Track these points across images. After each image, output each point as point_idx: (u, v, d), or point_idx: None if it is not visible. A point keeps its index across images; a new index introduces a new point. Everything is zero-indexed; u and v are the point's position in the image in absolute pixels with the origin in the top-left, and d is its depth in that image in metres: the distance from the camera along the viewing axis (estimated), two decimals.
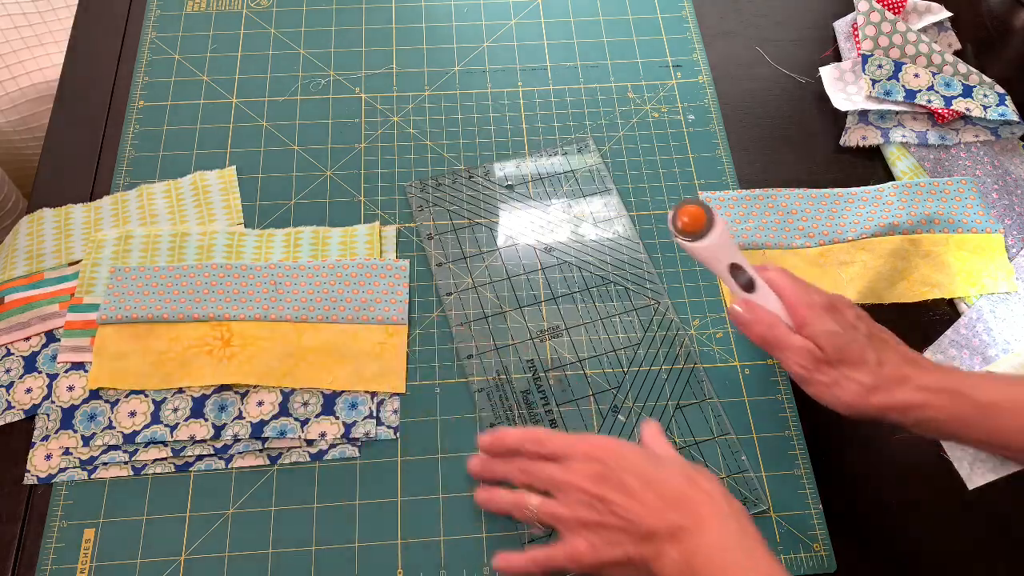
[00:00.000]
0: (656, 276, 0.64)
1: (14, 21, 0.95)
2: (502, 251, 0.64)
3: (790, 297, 0.51)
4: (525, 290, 0.62)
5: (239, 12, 0.77)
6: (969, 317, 0.62)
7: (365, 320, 0.60)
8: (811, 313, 0.50)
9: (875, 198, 0.67)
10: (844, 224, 0.65)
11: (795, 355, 0.50)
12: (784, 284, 0.52)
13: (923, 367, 0.50)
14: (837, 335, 0.49)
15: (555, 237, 0.65)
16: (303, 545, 0.54)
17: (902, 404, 0.48)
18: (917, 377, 0.49)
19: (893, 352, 0.50)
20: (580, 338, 0.61)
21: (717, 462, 0.56)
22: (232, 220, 0.65)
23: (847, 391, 0.49)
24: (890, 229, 0.64)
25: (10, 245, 0.65)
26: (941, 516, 0.56)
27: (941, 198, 0.66)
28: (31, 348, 0.59)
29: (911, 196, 0.66)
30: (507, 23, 0.77)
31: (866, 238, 0.64)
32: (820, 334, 0.50)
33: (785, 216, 0.66)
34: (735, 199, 0.67)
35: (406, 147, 0.70)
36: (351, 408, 0.58)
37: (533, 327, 0.61)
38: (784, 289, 0.52)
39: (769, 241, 0.65)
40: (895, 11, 0.75)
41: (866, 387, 0.49)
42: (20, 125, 0.93)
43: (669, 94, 0.74)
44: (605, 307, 0.62)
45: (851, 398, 0.49)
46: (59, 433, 0.56)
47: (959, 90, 0.71)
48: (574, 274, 0.63)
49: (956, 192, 0.67)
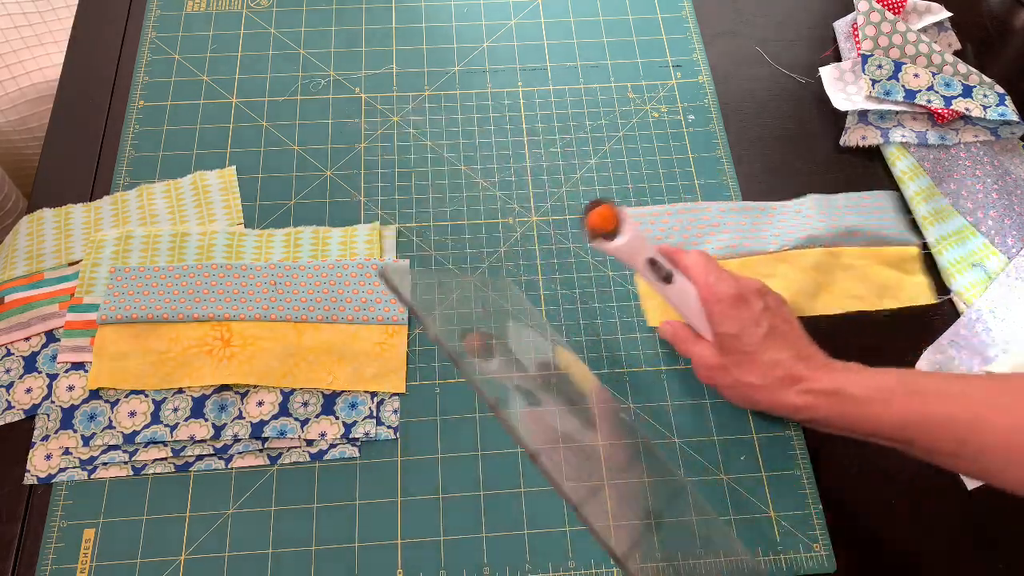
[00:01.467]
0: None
1: (14, 21, 0.95)
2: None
3: (702, 290, 0.53)
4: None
5: (239, 12, 0.77)
6: (969, 317, 0.62)
7: (365, 320, 0.61)
8: (716, 310, 0.52)
9: (796, 211, 0.66)
10: (765, 237, 0.65)
11: (695, 362, 0.53)
12: (697, 275, 0.53)
13: (815, 366, 0.50)
14: (732, 339, 0.51)
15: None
16: (303, 545, 0.54)
17: (791, 406, 0.49)
18: (807, 378, 0.49)
19: (789, 350, 0.51)
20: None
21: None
22: (232, 220, 0.65)
23: (738, 394, 0.52)
24: (811, 242, 0.64)
25: (10, 245, 0.65)
26: (941, 516, 0.56)
27: (861, 211, 0.66)
28: (31, 348, 0.59)
29: (831, 210, 0.66)
30: (507, 23, 0.77)
31: (787, 250, 0.64)
32: (718, 336, 0.52)
33: (706, 229, 0.66)
34: (656, 214, 0.66)
35: (406, 147, 0.70)
36: (351, 408, 0.58)
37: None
38: (697, 280, 0.53)
39: None
40: (895, 11, 0.75)
41: (756, 388, 0.50)
42: (20, 125, 0.93)
43: (669, 94, 0.74)
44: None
45: (742, 401, 0.52)
46: (59, 433, 0.56)
47: (959, 90, 0.71)
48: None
49: (875, 206, 0.67)
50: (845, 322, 0.62)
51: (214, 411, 0.57)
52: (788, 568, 0.53)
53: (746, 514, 0.55)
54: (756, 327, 0.51)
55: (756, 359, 0.50)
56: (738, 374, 0.51)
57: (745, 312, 0.51)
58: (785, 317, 0.53)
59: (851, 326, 0.62)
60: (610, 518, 0.47)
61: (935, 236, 0.66)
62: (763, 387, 0.50)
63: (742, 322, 0.51)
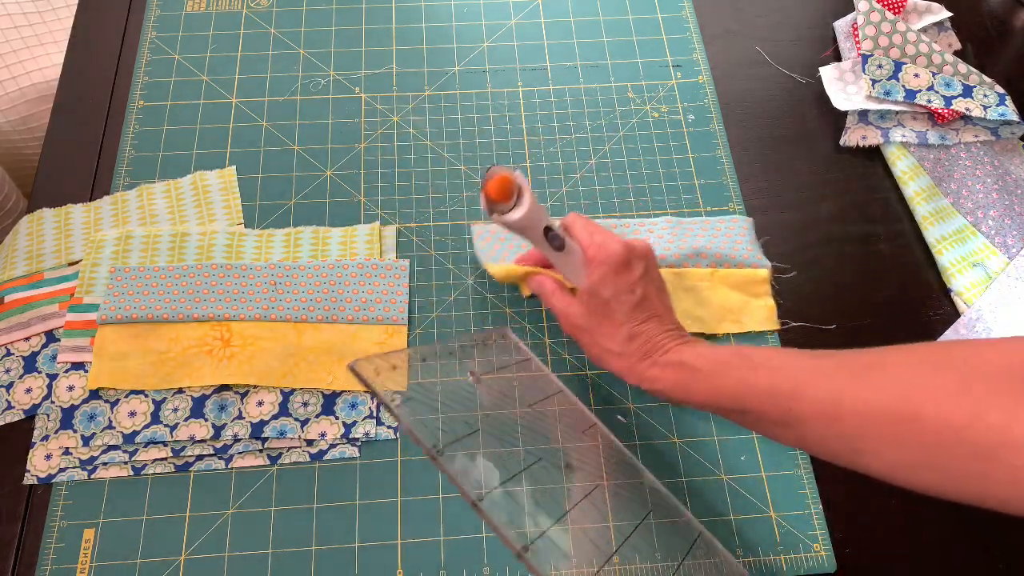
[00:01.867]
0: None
1: (14, 21, 0.95)
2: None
3: (589, 250, 0.52)
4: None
5: (239, 12, 0.77)
6: (969, 317, 0.62)
7: (365, 320, 0.60)
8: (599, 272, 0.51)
9: (648, 231, 0.66)
10: None
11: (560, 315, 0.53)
12: (583, 235, 0.53)
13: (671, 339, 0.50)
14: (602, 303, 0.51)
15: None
16: (303, 545, 0.54)
17: (645, 378, 0.50)
18: (661, 349, 0.50)
19: (654, 322, 0.51)
20: None
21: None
22: (232, 220, 0.65)
23: (595, 356, 0.52)
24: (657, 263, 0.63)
25: (10, 245, 0.65)
26: (941, 516, 0.56)
27: (712, 234, 0.65)
28: (31, 348, 0.59)
29: (681, 230, 0.65)
30: (507, 23, 0.77)
31: None
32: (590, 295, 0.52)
33: None
34: (492, 231, 0.64)
35: (406, 147, 0.70)
36: (351, 408, 0.58)
37: None
38: (582, 239, 0.53)
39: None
40: (895, 11, 0.75)
41: (614, 355, 0.51)
42: (20, 125, 0.93)
43: (669, 94, 0.74)
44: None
45: (598, 363, 0.52)
46: (59, 433, 0.56)
47: (959, 90, 0.71)
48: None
49: (728, 229, 0.66)
50: (845, 322, 0.62)
51: (214, 411, 0.57)
52: (788, 568, 0.53)
53: (746, 514, 0.55)
54: (630, 294, 0.51)
55: (620, 327, 0.50)
56: (599, 337, 0.51)
57: (624, 276, 0.51)
58: (659, 285, 0.53)
59: (851, 326, 0.62)
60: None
61: (935, 236, 0.66)
62: (621, 355, 0.50)
63: (617, 287, 0.51)
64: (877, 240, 0.67)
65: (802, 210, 0.68)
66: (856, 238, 0.67)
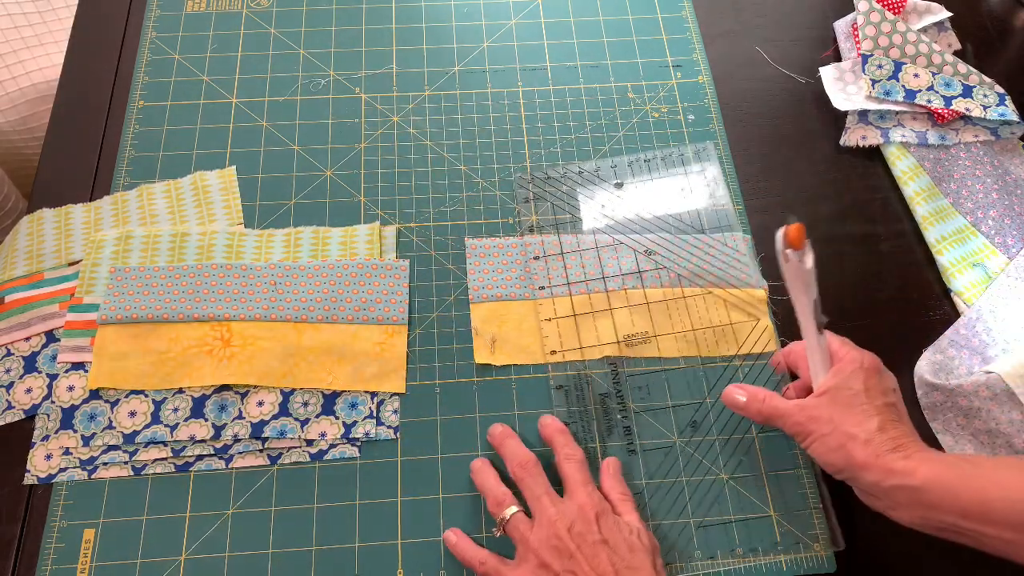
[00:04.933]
0: (761, 293, 0.62)
1: (14, 21, 0.95)
2: (600, 250, 0.64)
3: (834, 346, 0.51)
4: (619, 291, 0.62)
5: (239, 12, 0.77)
6: (969, 317, 0.62)
7: (365, 320, 0.61)
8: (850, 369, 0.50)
9: (644, 249, 0.64)
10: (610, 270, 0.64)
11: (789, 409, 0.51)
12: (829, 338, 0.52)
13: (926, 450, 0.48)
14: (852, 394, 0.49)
15: (658, 241, 0.64)
16: (303, 545, 0.54)
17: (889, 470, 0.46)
18: (920, 448, 0.47)
19: (908, 429, 0.49)
20: (669, 346, 0.61)
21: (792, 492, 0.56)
22: (232, 220, 0.65)
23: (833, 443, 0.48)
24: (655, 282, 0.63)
25: (10, 245, 0.65)
26: None
27: (709, 252, 0.64)
28: (31, 348, 0.59)
29: (679, 247, 0.64)
30: (507, 23, 0.77)
31: (628, 289, 0.62)
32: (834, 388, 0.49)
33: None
34: (500, 246, 0.64)
35: (406, 147, 0.70)
36: (351, 408, 0.58)
37: (622, 329, 0.61)
38: (832, 344, 0.52)
39: (501, 293, 0.62)
40: (895, 11, 0.75)
41: (856, 441, 0.47)
42: (20, 125, 0.93)
43: (669, 94, 0.74)
44: (700, 317, 0.61)
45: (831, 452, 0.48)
46: (59, 433, 0.56)
47: (959, 90, 0.71)
48: (671, 281, 0.62)
49: (725, 247, 0.64)
50: (845, 322, 0.62)
51: (214, 411, 0.57)
52: (788, 568, 0.54)
53: (746, 514, 0.55)
54: (883, 396, 0.49)
55: (871, 418, 0.48)
56: (843, 425, 0.48)
57: (875, 380, 0.50)
58: (902, 406, 0.51)
59: (850, 326, 0.62)
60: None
61: (935, 236, 0.66)
62: (869, 442, 0.47)
63: (869, 385, 0.49)
64: (877, 240, 0.67)
65: (802, 210, 0.68)
66: (856, 238, 0.67)
